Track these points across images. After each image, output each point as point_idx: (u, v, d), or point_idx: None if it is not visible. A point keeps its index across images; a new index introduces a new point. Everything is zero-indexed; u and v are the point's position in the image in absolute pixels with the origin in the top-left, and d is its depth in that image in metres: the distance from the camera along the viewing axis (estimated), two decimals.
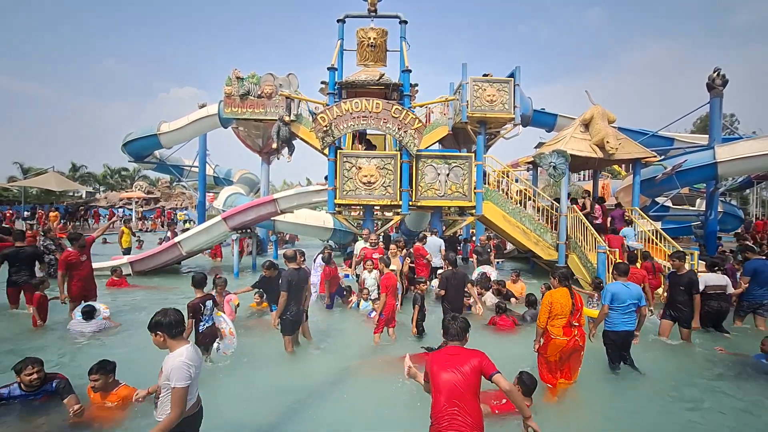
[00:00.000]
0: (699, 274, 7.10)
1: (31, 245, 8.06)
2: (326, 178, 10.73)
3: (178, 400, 2.60)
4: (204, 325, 5.11)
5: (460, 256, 13.62)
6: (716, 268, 6.83)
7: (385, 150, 12.98)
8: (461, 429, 2.71)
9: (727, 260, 8.31)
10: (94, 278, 7.48)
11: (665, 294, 6.88)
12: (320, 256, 8.30)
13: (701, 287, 6.61)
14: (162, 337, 2.77)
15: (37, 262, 7.78)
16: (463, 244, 14.95)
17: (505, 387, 2.81)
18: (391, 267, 8.29)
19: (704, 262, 7.69)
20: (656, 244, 9.72)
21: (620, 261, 7.28)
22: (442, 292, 6.40)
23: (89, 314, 6.40)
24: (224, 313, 5.73)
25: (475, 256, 10.08)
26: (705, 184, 13.55)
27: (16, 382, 3.93)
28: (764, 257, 8.04)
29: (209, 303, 5.20)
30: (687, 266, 6.86)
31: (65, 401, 3.86)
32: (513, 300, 8.37)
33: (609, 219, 10.80)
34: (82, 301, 7.01)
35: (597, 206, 10.88)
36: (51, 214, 19.12)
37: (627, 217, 10.37)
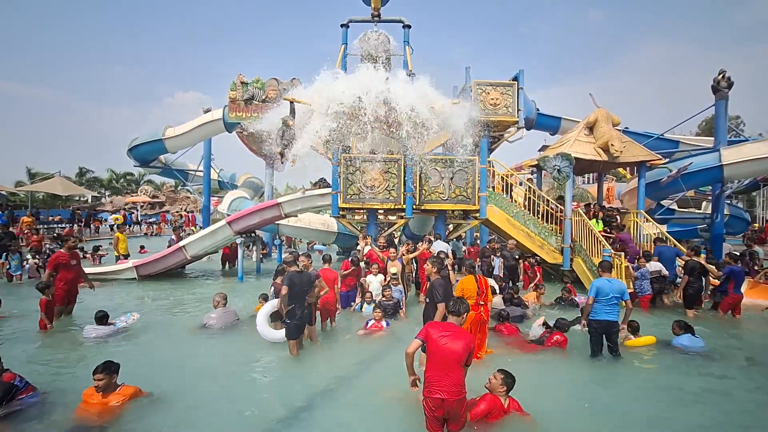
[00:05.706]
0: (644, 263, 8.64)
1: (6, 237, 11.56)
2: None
3: None
4: None
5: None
6: (651, 259, 8.74)
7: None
8: (444, 388, 3.36)
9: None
10: (77, 285, 7.54)
11: None
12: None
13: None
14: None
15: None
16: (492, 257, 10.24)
17: None
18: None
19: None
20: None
21: (604, 260, 7.34)
22: None
23: (101, 319, 6.44)
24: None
25: (502, 260, 9.81)
26: (711, 187, 13.44)
27: None
28: None
29: None
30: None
31: None
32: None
33: None
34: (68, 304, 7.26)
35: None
36: (24, 218, 19.11)
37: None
